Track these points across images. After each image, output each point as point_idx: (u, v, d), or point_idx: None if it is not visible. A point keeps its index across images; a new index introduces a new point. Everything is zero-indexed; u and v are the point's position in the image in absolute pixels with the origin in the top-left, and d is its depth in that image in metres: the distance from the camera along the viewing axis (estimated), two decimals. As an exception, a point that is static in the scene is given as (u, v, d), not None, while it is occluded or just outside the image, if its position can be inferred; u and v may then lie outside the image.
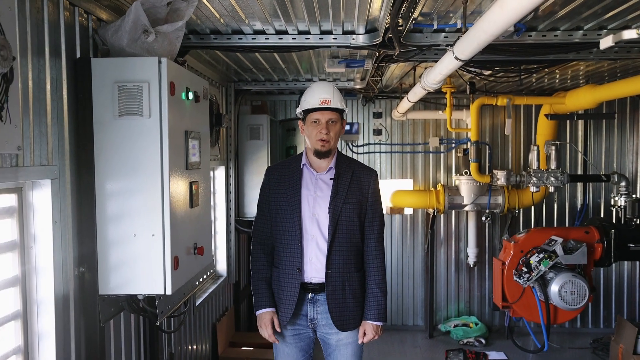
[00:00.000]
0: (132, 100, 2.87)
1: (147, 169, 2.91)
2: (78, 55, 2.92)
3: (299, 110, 3.33)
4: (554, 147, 6.13)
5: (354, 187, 3.29)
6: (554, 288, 5.45)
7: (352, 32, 3.90)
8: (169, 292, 2.93)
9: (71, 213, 2.84)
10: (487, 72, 4.83)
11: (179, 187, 3.10)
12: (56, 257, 2.69)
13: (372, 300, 3.30)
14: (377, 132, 7.53)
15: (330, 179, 3.29)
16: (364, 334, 3.30)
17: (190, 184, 3.30)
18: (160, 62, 2.88)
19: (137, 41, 2.95)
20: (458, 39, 3.23)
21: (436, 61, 4.33)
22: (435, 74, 3.81)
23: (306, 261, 3.23)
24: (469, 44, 2.87)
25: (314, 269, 3.23)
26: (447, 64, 3.41)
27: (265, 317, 3.28)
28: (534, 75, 5.83)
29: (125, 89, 2.87)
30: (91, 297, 2.93)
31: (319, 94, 3.22)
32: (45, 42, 2.62)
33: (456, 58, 3.12)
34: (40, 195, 2.64)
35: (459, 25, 3.58)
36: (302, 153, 3.41)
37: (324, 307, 3.26)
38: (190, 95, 3.26)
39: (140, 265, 2.93)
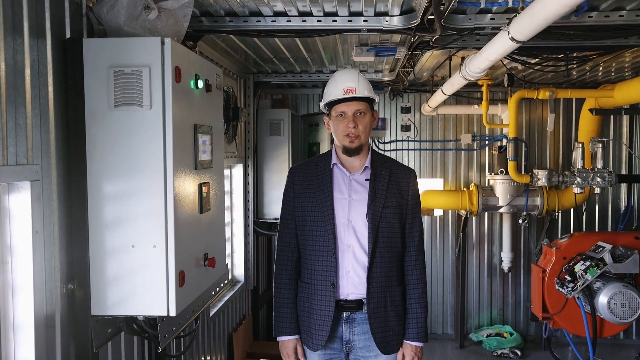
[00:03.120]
0: (130, 88, 2.44)
1: (147, 169, 2.48)
2: (68, 36, 2.50)
3: (322, 103, 2.93)
4: (600, 145, 5.62)
5: (393, 188, 2.90)
6: (602, 299, 4.96)
7: (386, 14, 3.43)
8: (172, 313, 2.50)
9: (58, 221, 2.41)
10: (533, 61, 4.33)
11: (186, 190, 2.67)
12: (37, 273, 2.26)
13: (412, 317, 2.92)
14: (406, 128, 7.05)
15: (366, 179, 2.89)
16: (403, 356, 2.91)
17: (200, 186, 2.86)
18: (163, 42, 2.44)
19: (137, 19, 2.52)
20: (511, 20, 2.74)
21: (478, 48, 3.86)
22: (482, 60, 3.32)
23: (342, 275, 2.84)
24: (531, 21, 2.38)
25: (351, 283, 2.84)
26: (498, 47, 2.91)
27: (288, 345, 2.97)
28: (575, 65, 5.30)
29: (122, 74, 2.44)
30: (83, 318, 2.51)
31: (342, 83, 2.81)
32: (23, 18, 2.19)
33: (512, 39, 2.63)
34: (17, 199, 2.21)
35: (510, 4, 3.09)
36: (330, 150, 3.00)
37: (362, 327, 2.88)
38: (200, 84, 2.83)
39: (139, 282, 2.50)
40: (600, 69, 5.75)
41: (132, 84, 2.44)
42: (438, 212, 7.14)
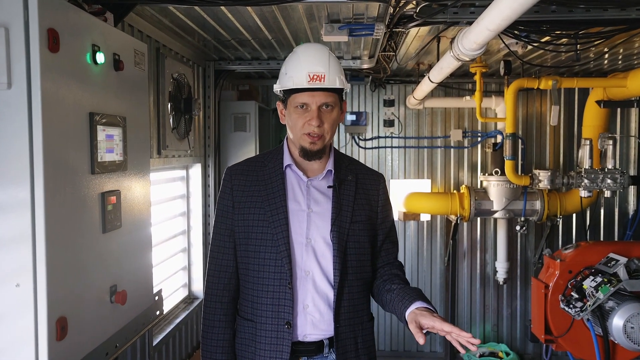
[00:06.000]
0: (-22, 57, 1.70)
1: (5, 175, 1.73)
2: None
3: (277, 88, 2.25)
4: (611, 142, 4.91)
5: (361, 198, 2.29)
6: (617, 322, 4.24)
7: (356, -27, 2.71)
8: (44, 380, 1.76)
9: None
10: (542, 39, 3.61)
11: (75, 202, 1.92)
12: None
13: (405, 290, 2.22)
14: (389, 123, 6.29)
15: (329, 187, 2.25)
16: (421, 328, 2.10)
17: (103, 196, 2.11)
18: (26, -9, 1.70)
19: (-7, -40, 1.77)
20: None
21: (471, 23, 3.14)
22: (480, 31, 2.56)
23: (299, 311, 2.18)
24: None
25: (310, 321, 2.19)
26: (505, 8, 2.16)
27: None
28: (590, 44, 4.59)
29: (-36, 37, 1.70)
30: None
31: (307, 65, 2.14)
32: None
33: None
34: None
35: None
36: (280, 147, 2.34)
37: None
38: (102, 58, 2.08)
39: (-5, 337, 1.76)
40: (606, 56, 5.07)
41: (-20, 52, 1.69)
42: (425, 217, 6.42)
